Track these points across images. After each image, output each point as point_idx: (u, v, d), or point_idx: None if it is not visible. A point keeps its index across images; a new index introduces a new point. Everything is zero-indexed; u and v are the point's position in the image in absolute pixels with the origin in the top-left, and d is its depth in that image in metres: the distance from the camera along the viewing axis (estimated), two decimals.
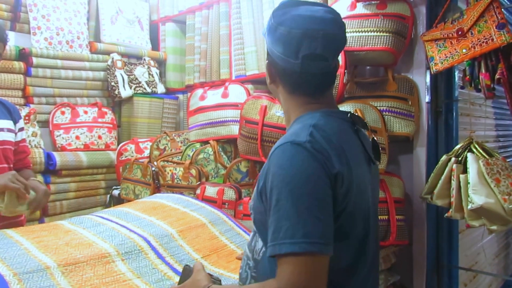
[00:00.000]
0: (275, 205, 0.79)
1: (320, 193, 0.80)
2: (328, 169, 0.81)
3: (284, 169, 0.81)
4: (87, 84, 2.65)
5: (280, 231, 0.77)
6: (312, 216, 0.77)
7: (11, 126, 1.67)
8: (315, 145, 0.83)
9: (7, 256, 1.09)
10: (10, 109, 1.72)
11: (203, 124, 2.19)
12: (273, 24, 0.93)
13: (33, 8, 2.51)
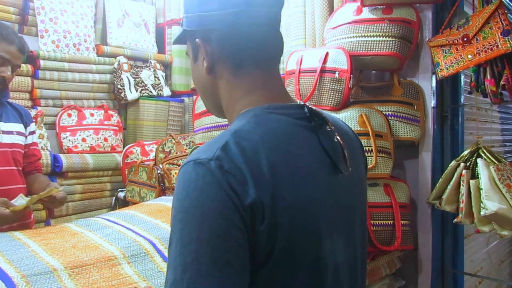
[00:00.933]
0: (169, 247, 0.61)
1: (220, 237, 0.57)
2: (238, 198, 0.58)
3: (179, 199, 0.61)
4: (94, 86, 2.68)
5: (166, 285, 0.58)
6: (202, 271, 0.56)
7: (21, 129, 1.71)
8: (224, 163, 0.60)
9: (15, 258, 1.10)
10: (22, 113, 1.75)
11: (208, 127, 2.20)
12: None
13: (41, 11, 2.53)
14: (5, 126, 1.63)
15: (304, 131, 0.70)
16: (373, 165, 1.59)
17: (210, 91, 0.78)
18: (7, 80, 1.59)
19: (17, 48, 1.59)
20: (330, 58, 1.73)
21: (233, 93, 0.75)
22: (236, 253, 0.58)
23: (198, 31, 0.74)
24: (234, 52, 0.73)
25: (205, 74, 0.76)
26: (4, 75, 1.56)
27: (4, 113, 1.66)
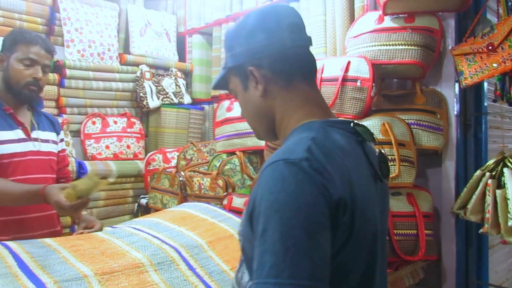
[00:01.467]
0: (261, 235, 0.67)
1: (315, 225, 0.66)
2: (329, 194, 0.68)
3: (273, 193, 0.68)
4: (117, 94, 2.74)
5: (264, 268, 0.65)
6: (302, 254, 0.64)
7: (54, 137, 1.77)
8: (313, 164, 0.69)
9: (47, 264, 1.13)
10: (53, 121, 1.81)
11: (229, 135, 2.22)
12: (240, 23, 0.89)
13: (67, 21, 2.61)
14: (42, 134, 1.69)
15: (354, 144, 0.83)
16: (396, 174, 1.59)
17: (264, 112, 0.89)
18: (40, 81, 1.63)
19: (42, 48, 1.63)
20: (352, 67, 1.74)
21: (288, 107, 0.86)
22: (326, 239, 0.68)
23: (247, 62, 0.86)
24: (285, 71, 0.86)
25: (259, 98, 0.87)
26: (36, 76, 1.60)
27: (40, 122, 1.72)
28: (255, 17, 0.87)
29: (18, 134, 1.61)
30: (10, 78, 1.60)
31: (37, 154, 1.65)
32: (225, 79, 0.94)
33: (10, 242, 1.26)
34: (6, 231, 1.54)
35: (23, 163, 1.60)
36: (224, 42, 0.93)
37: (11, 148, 1.57)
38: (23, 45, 1.61)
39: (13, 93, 1.62)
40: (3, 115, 1.60)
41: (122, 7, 2.92)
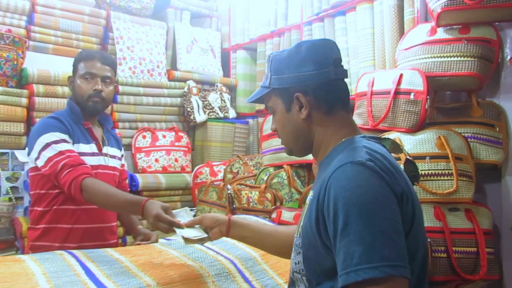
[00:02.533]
0: (343, 229, 0.74)
1: (390, 212, 0.76)
2: (394, 188, 0.78)
3: (348, 190, 0.76)
4: (166, 109, 2.83)
5: (353, 257, 0.71)
6: (387, 238, 0.72)
7: (118, 153, 1.86)
8: (377, 163, 0.80)
9: (111, 273, 1.17)
10: (117, 139, 1.91)
11: (277, 149, 2.24)
12: (292, 51, 0.97)
13: (120, 40, 2.73)
14: (111, 150, 1.78)
15: None
16: (454, 189, 1.54)
17: (303, 133, 0.99)
18: (101, 92, 1.69)
19: (99, 61, 1.70)
20: (404, 80, 1.71)
21: (329, 130, 0.97)
22: (401, 225, 0.77)
23: (293, 87, 0.96)
24: (328, 100, 0.96)
25: (301, 121, 0.97)
26: (96, 88, 1.67)
27: (109, 139, 1.81)
28: (308, 49, 0.95)
29: (93, 148, 1.70)
30: (77, 94, 1.70)
31: (105, 168, 1.73)
32: (265, 96, 1.02)
33: (76, 251, 1.31)
34: (72, 238, 1.62)
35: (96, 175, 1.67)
36: (270, 63, 1.00)
37: (87, 160, 1.64)
38: (83, 63, 1.70)
39: (82, 108, 1.71)
40: (82, 129, 1.70)
41: (170, 25, 3.03)
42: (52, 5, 2.55)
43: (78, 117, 1.70)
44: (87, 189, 1.48)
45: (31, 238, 1.67)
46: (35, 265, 1.15)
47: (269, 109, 1.04)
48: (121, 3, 2.86)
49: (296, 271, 0.92)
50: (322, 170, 0.93)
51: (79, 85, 1.69)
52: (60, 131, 1.61)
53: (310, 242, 0.85)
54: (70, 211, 1.64)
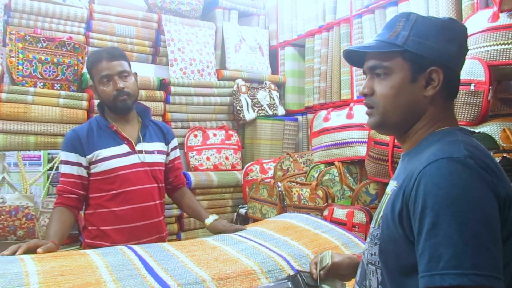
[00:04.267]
0: (430, 229, 0.70)
1: (488, 218, 0.69)
2: (497, 190, 0.71)
3: (442, 189, 0.71)
4: (216, 108, 2.88)
5: (440, 260, 0.67)
6: (481, 245, 0.67)
7: (162, 147, 1.85)
8: (477, 161, 0.73)
9: (169, 268, 1.21)
10: (164, 131, 1.89)
11: (327, 145, 2.20)
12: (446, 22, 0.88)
13: (171, 42, 2.81)
14: (147, 146, 1.78)
15: None
16: None
17: (414, 110, 0.89)
18: (124, 89, 1.68)
19: (107, 60, 1.69)
20: (464, 70, 1.61)
21: (439, 115, 0.89)
22: (498, 232, 0.70)
23: (433, 60, 0.86)
24: (452, 86, 0.90)
25: (422, 97, 0.88)
26: (117, 87, 1.67)
27: (147, 133, 1.81)
28: (459, 27, 0.89)
29: (124, 149, 1.73)
30: (104, 100, 1.73)
31: (142, 166, 1.74)
32: (386, 54, 0.89)
33: (135, 246, 1.37)
34: (121, 238, 1.67)
35: (130, 175, 1.72)
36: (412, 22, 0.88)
37: (117, 162, 1.70)
38: (94, 68, 1.71)
39: (112, 110, 1.74)
40: (110, 132, 1.73)
41: (218, 25, 3.07)
42: (108, 11, 2.68)
43: (104, 123, 1.74)
44: None
45: (85, 237, 1.76)
46: (98, 259, 1.21)
47: (379, 69, 0.90)
48: (171, 6, 2.94)
49: (372, 263, 0.87)
50: (408, 161, 0.87)
51: (102, 90, 1.70)
52: (69, 150, 1.69)
53: (390, 235, 0.81)
54: (113, 213, 1.70)
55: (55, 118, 2.29)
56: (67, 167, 1.68)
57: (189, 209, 1.92)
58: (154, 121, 1.91)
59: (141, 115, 1.84)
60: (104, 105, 1.76)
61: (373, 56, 0.91)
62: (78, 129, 1.74)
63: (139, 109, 1.84)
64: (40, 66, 2.32)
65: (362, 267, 0.93)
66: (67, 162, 1.68)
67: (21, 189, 2.17)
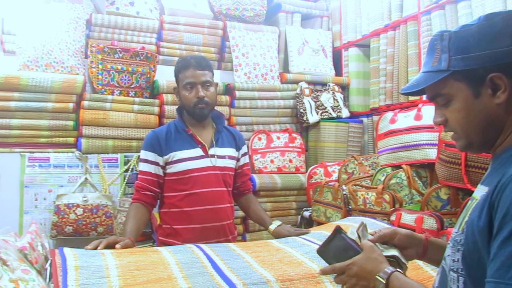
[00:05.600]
0: (507, 237, 0.68)
1: None
2: None
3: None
4: (279, 112, 2.91)
5: (509, 270, 0.66)
6: None
7: (233, 153, 1.93)
8: None
9: (234, 267, 1.25)
10: (236, 137, 1.98)
11: (394, 148, 2.13)
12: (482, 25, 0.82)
13: (235, 48, 2.89)
14: (219, 151, 1.87)
15: None
16: None
17: (494, 122, 0.84)
18: (204, 98, 1.80)
19: (195, 68, 1.80)
20: None
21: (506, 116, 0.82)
22: None
23: (486, 68, 0.80)
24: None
25: (495, 107, 0.82)
26: (198, 95, 1.79)
27: (220, 139, 1.90)
28: (504, 20, 0.81)
29: (198, 152, 1.83)
30: (184, 104, 1.85)
31: (213, 169, 1.83)
32: (438, 83, 0.86)
33: (203, 245, 1.43)
34: (192, 237, 1.75)
35: (201, 177, 1.80)
36: (447, 41, 0.85)
37: (191, 165, 1.80)
38: (181, 73, 1.83)
39: (190, 115, 1.85)
40: (186, 135, 1.84)
41: (281, 29, 3.10)
42: (176, 21, 2.82)
43: (181, 126, 1.85)
44: None
45: (159, 235, 1.87)
46: (170, 256, 1.29)
47: (440, 98, 0.88)
48: (236, 12, 3.03)
49: (454, 270, 0.83)
50: (498, 165, 0.83)
51: (184, 95, 1.83)
52: (148, 149, 1.82)
53: (475, 242, 0.77)
54: (185, 213, 1.78)
55: (130, 123, 2.46)
56: (146, 165, 1.80)
57: (254, 215, 1.97)
58: (227, 127, 2.01)
59: (215, 121, 1.94)
60: (183, 109, 1.88)
61: (427, 88, 0.89)
62: (158, 130, 1.87)
63: (214, 115, 1.94)
64: (117, 75, 2.50)
65: (442, 273, 0.89)
66: (146, 161, 1.80)
67: (101, 189, 2.36)
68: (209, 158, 1.83)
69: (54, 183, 2.29)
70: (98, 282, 1.06)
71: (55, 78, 2.31)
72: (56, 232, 2.19)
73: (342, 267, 1.00)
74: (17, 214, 2.22)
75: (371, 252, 0.97)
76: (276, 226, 1.79)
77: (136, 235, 1.65)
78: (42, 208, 2.26)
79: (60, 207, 2.19)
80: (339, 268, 1.01)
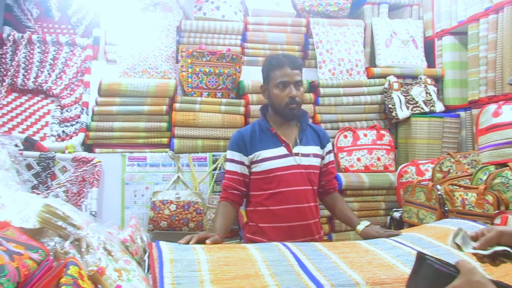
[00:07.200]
0: None
1: None
2: None
3: None
4: (366, 108, 2.80)
5: None
6: None
7: (318, 151, 1.90)
8: None
9: (322, 267, 1.23)
10: (320, 134, 1.95)
11: (498, 144, 1.93)
12: None
13: (319, 44, 2.85)
14: (304, 149, 1.85)
15: None
16: None
17: None
18: (296, 97, 1.79)
19: (288, 67, 1.78)
20: None
21: None
22: None
23: None
24: None
25: None
26: (291, 95, 1.78)
27: (304, 137, 1.88)
28: None
29: (282, 151, 1.82)
30: (274, 103, 1.84)
31: (297, 168, 1.81)
32: None
33: (289, 243, 1.43)
34: (277, 235, 1.75)
35: (286, 176, 1.80)
36: None
37: (276, 164, 1.80)
38: (274, 72, 1.81)
39: (279, 114, 1.85)
40: (270, 135, 1.85)
41: (367, 21, 2.99)
42: (260, 22, 2.86)
43: (265, 125, 1.86)
44: None
45: (246, 232, 1.90)
46: (257, 253, 1.31)
47: None
48: (319, 8, 2.98)
49: None
50: None
51: (275, 94, 1.81)
52: (234, 149, 1.85)
53: None
54: (271, 211, 1.79)
55: (217, 123, 2.56)
56: (232, 165, 1.85)
57: (340, 214, 1.91)
58: (311, 125, 1.98)
59: (299, 119, 1.92)
60: (272, 107, 1.88)
61: None
62: (243, 130, 1.91)
63: (298, 113, 1.92)
64: (205, 78, 2.62)
65: None
66: (232, 161, 1.86)
67: (191, 186, 2.49)
68: (293, 157, 1.82)
69: (150, 181, 2.46)
70: (191, 275, 1.11)
71: (150, 83, 2.49)
72: (152, 226, 2.36)
73: None
74: (119, 209, 2.43)
75: (471, 275, 0.84)
76: (365, 226, 1.71)
77: (224, 232, 1.70)
78: (140, 204, 2.45)
79: (156, 203, 2.35)
80: None
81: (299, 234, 1.79)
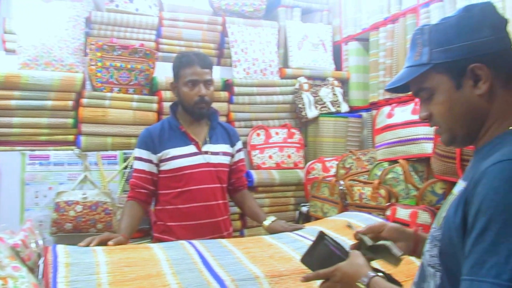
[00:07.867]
0: (480, 234, 0.68)
1: None
2: None
3: (499, 194, 0.67)
4: (278, 107, 2.90)
5: (483, 267, 0.66)
6: None
7: (227, 149, 1.93)
8: None
9: (224, 263, 1.27)
10: (230, 133, 1.98)
11: (391, 143, 2.13)
12: (461, 16, 0.82)
13: (234, 44, 2.89)
14: (213, 147, 1.87)
15: None
16: None
17: (476, 113, 0.83)
18: (205, 97, 1.80)
19: (198, 66, 1.79)
20: None
21: (504, 109, 0.82)
22: None
23: (467, 59, 0.81)
24: (505, 70, 0.81)
25: (476, 98, 0.82)
26: (200, 93, 1.78)
27: (214, 135, 1.90)
28: (482, 11, 0.81)
29: (191, 149, 1.83)
30: (183, 101, 1.84)
31: (206, 166, 1.83)
32: (420, 77, 0.86)
33: (195, 241, 1.45)
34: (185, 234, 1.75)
35: (195, 174, 1.81)
36: (427, 35, 0.85)
37: (185, 162, 1.80)
38: (183, 70, 1.81)
39: (188, 113, 1.86)
40: (179, 133, 1.84)
41: (281, 24, 3.09)
42: (176, 17, 2.82)
43: (174, 124, 1.85)
44: None
45: (155, 232, 1.89)
46: (161, 252, 1.31)
47: (423, 92, 0.88)
48: (235, 8, 3.02)
49: (431, 265, 0.84)
50: (478, 160, 0.82)
51: (184, 92, 1.81)
52: (142, 147, 1.83)
53: (451, 238, 0.77)
54: (179, 210, 1.80)
55: (129, 120, 2.48)
56: (140, 163, 1.82)
57: (249, 211, 1.97)
58: (221, 123, 2.00)
59: (209, 118, 1.93)
60: (181, 105, 1.87)
61: (411, 83, 0.89)
62: (152, 128, 1.88)
63: (208, 112, 1.92)
64: (116, 73, 2.52)
65: (421, 269, 0.90)
66: (140, 159, 1.82)
67: (100, 186, 2.39)
68: (202, 155, 1.83)
69: (54, 181, 2.32)
70: (88, 279, 1.08)
71: (54, 76, 2.34)
72: (56, 229, 2.22)
73: (326, 273, 0.98)
74: (18, 211, 2.25)
75: (355, 258, 0.96)
76: (271, 221, 1.79)
77: (130, 232, 1.66)
78: (43, 206, 2.29)
79: (60, 204, 2.22)
80: (323, 274, 0.99)
81: (208, 232, 1.80)
